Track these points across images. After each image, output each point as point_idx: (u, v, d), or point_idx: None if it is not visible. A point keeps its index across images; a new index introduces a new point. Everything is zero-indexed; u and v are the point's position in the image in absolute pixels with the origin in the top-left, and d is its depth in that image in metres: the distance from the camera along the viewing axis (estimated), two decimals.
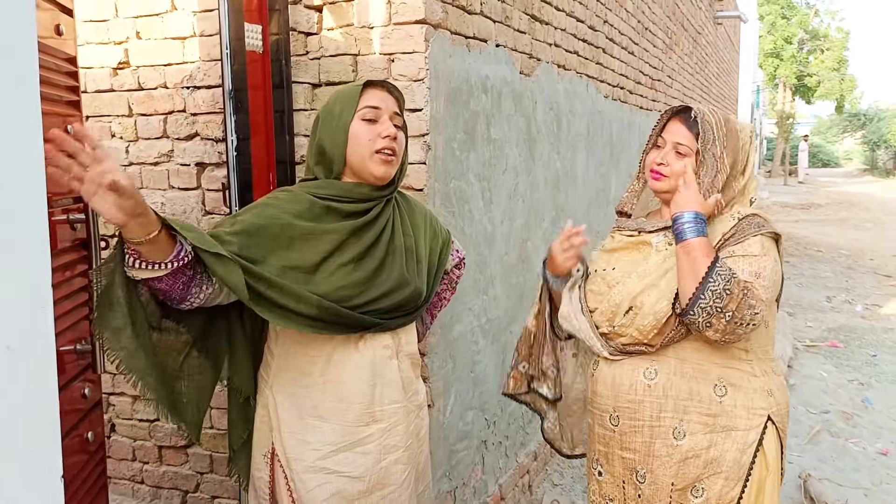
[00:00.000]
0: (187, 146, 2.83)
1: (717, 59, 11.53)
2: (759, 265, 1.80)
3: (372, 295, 1.73)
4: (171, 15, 2.78)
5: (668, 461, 1.87)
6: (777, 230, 1.89)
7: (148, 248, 1.45)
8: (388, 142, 1.76)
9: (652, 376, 1.89)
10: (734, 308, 1.72)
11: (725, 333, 1.75)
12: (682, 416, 1.86)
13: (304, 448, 1.76)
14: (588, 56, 4.28)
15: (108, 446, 3.12)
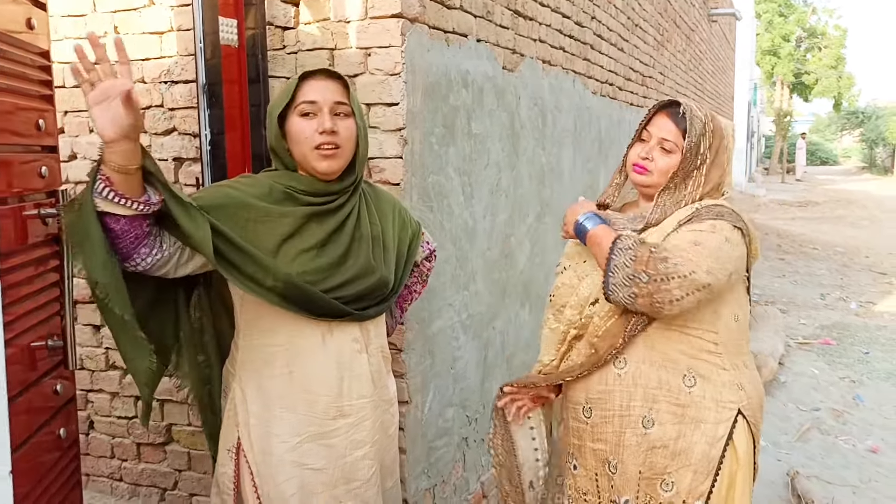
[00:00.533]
0: (165, 141, 2.81)
1: (711, 56, 11.50)
2: (701, 237, 1.77)
3: (337, 281, 1.71)
4: (149, 10, 2.76)
5: (637, 450, 1.86)
6: (741, 222, 1.85)
7: (121, 179, 1.43)
8: (325, 137, 1.72)
9: (622, 365, 1.88)
10: (644, 268, 1.70)
11: (656, 300, 1.71)
12: (651, 405, 1.85)
13: (271, 440, 1.75)
14: (575, 52, 4.26)
15: (87, 443, 3.11)
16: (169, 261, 1.61)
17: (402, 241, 1.94)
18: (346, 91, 1.80)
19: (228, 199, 1.68)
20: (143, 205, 1.48)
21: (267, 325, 1.76)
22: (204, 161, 2.37)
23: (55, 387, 1.95)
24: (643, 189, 1.96)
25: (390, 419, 1.92)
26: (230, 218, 1.65)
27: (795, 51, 32.66)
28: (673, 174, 1.88)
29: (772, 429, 4.89)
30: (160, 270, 1.62)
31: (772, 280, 10.00)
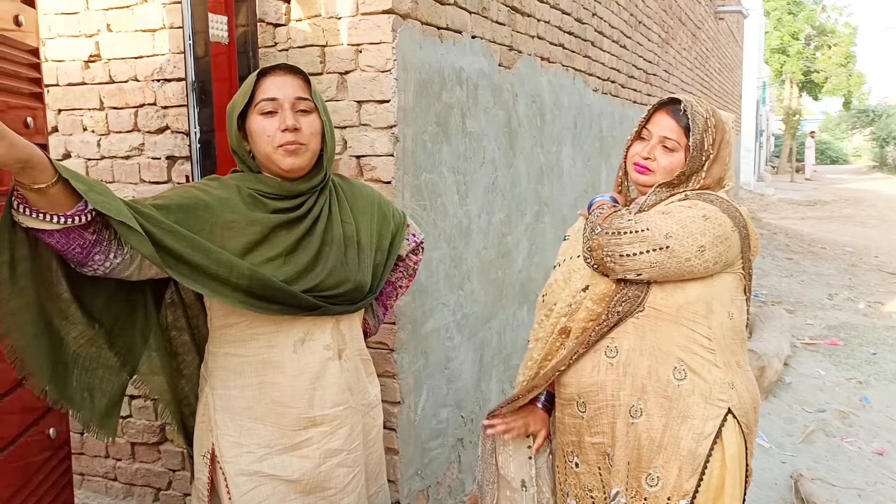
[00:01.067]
0: (158, 139, 2.79)
1: (718, 54, 11.44)
2: (672, 207, 1.78)
3: (305, 286, 1.66)
4: (142, 7, 2.74)
5: (626, 440, 1.84)
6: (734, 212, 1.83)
7: (35, 197, 1.36)
8: (287, 135, 1.67)
9: (613, 354, 1.85)
10: (601, 221, 1.77)
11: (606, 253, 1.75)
12: (639, 395, 1.82)
13: (238, 450, 1.71)
14: (575, 49, 4.22)
15: (82, 443, 3.10)
16: (131, 263, 1.55)
17: (383, 236, 1.88)
18: (308, 86, 1.74)
19: (194, 201, 1.62)
20: (70, 217, 1.40)
21: (236, 336, 1.71)
22: (194, 159, 2.35)
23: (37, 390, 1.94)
24: (645, 189, 1.93)
25: (371, 423, 1.88)
26: (195, 220, 1.59)
27: (805, 49, 32.48)
28: (679, 173, 1.85)
29: (776, 430, 4.85)
30: (123, 273, 1.56)
31: (779, 280, 9.93)
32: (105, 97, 2.86)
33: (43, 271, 1.49)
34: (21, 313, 1.46)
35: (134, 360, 1.71)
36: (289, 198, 1.72)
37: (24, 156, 1.29)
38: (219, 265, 1.55)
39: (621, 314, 1.83)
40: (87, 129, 2.91)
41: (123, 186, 2.85)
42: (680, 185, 1.87)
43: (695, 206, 1.77)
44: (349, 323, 1.80)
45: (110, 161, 2.88)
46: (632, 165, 1.92)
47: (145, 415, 2.98)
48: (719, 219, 1.78)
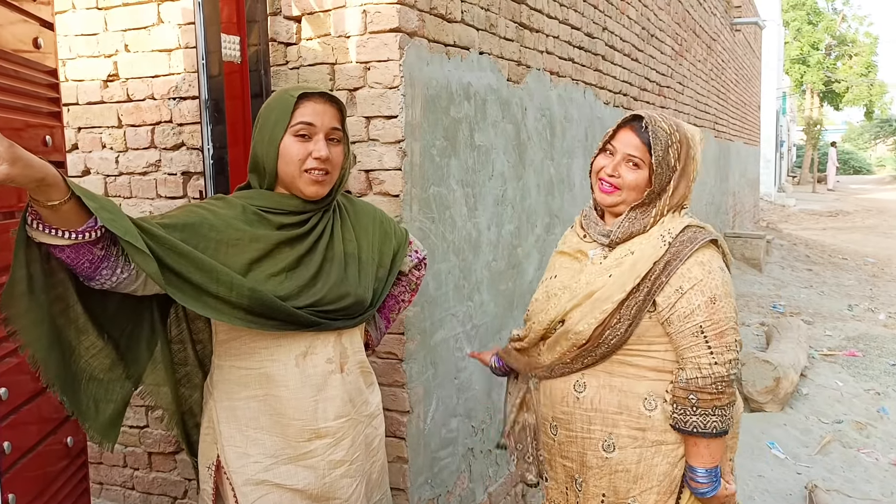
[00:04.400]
0: (174, 156, 2.87)
1: (735, 65, 11.42)
2: (710, 288, 1.76)
3: (306, 301, 1.71)
4: (158, 28, 2.83)
5: (600, 472, 1.87)
6: (713, 235, 1.85)
7: (49, 214, 1.42)
8: (318, 163, 1.73)
9: (581, 389, 1.89)
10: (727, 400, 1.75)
11: (733, 377, 1.76)
12: (611, 430, 1.85)
13: (245, 461, 1.75)
14: (585, 63, 4.27)
15: (101, 452, 3.16)
16: (137, 279, 1.61)
17: (384, 253, 1.93)
18: (342, 117, 1.81)
19: (200, 220, 1.67)
20: (81, 234, 1.46)
21: (240, 349, 1.76)
22: (207, 175, 2.42)
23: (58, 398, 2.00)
24: (611, 209, 1.93)
25: (373, 432, 1.92)
26: (202, 238, 1.64)
27: (825, 59, 32.28)
28: (649, 191, 1.85)
29: (792, 441, 4.83)
30: (129, 288, 1.61)
31: (798, 291, 9.86)
32: (123, 115, 2.95)
33: (56, 285, 1.55)
34: (38, 325, 1.53)
35: (139, 372, 1.77)
36: (293, 213, 1.77)
37: (39, 175, 1.35)
38: (220, 284, 1.60)
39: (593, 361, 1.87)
40: (105, 146, 2.99)
41: (141, 202, 2.93)
42: (650, 204, 1.86)
43: (707, 270, 1.78)
44: (350, 336, 1.85)
45: (128, 177, 2.96)
46: (597, 181, 1.94)
47: (161, 425, 3.04)
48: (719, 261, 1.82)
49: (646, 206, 1.87)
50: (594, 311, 1.82)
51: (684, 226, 1.84)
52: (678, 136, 1.86)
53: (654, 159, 1.83)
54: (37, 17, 2.00)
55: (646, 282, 1.80)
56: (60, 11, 2.91)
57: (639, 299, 1.80)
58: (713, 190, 10.03)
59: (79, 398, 1.66)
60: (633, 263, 1.81)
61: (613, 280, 1.82)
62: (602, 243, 1.91)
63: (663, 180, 1.85)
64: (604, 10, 4.54)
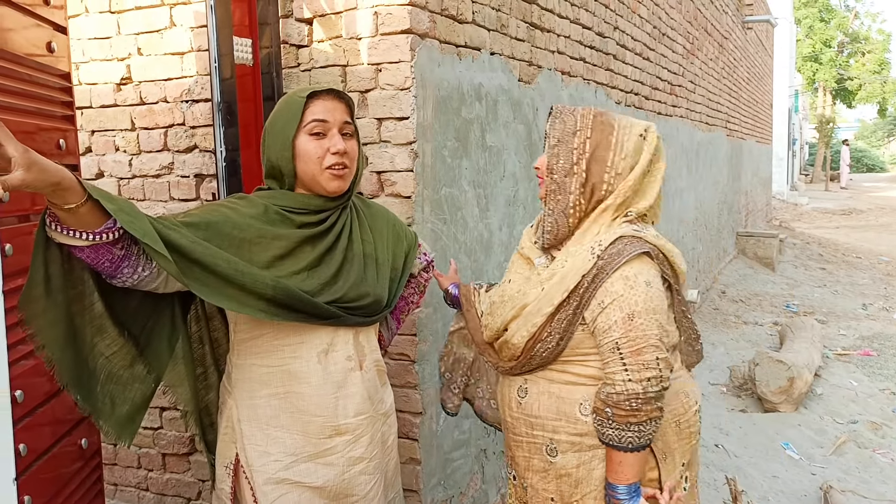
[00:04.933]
0: (186, 158, 2.88)
1: (747, 63, 11.37)
2: (629, 304, 1.71)
3: (327, 299, 1.73)
4: (170, 31, 2.84)
5: (546, 476, 1.87)
6: (643, 249, 1.76)
7: (66, 216, 1.43)
8: (337, 158, 1.75)
9: (523, 395, 1.89)
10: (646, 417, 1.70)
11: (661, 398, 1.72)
12: (551, 435, 1.84)
13: (265, 459, 1.76)
14: (596, 62, 4.26)
15: (115, 454, 3.18)
16: (158, 276, 1.62)
17: (397, 255, 1.95)
18: (351, 112, 1.83)
19: (222, 218, 1.68)
20: (99, 234, 1.47)
21: (262, 347, 1.77)
22: (220, 177, 2.43)
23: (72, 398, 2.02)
24: (542, 199, 1.91)
25: (388, 431, 1.93)
26: (224, 236, 1.66)
27: (837, 56, 32.09)
28: (549, 172, 1.82)
29: (806, 442, 4.80)
30: (150, 285, 1.63)
31: (811, 290, 9.80)
32: (136, 118, 2.96)
33: (76, 284, 1.57)
34: (54, 326, 1.54)
35: (160, 369, 1.78)
36: (314, 212, 1.79)
37: (55, 179, 1.36)
38: (243, 275, 1.61)
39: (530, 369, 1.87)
40: (119, 149, 3.01)
41: (154, 204, 2.95)
42: (561, 192, 1.81)
43: (629, 285, 1.71)
44: (367, 335, 1.87)
45: (141, 180, 2.98)
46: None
47: (175, 426, 3.06)
48: (646, 276, 1.73)
49: (556, 194, 1.82)
50: (526, 325, 1.81)
51: (616, 236, 1.77)
52: (591, 121, 1.82)
53: (549, 142, 1.83)
54: (50, 21, 2.01)
55: (574, 296, 1.76)
56: (73, 15, 2.93)
57: (568, 313, 1.77)
58: (725, 189, 9.98)
59: (94, 396, 1.66)
60: (562, 277, 1.78)
61: (545, 293, 1.80)
62: (540, 255, 1.91)
63: (564, 163, 1.80)
64: (615, 10, 4.53)
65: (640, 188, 1.83)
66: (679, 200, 6.98)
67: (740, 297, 9.02)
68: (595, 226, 1.81)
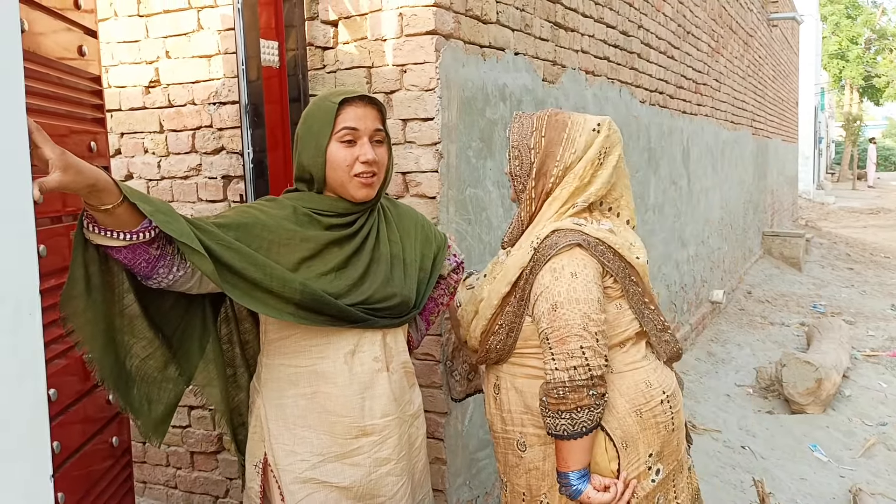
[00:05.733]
0: (214, 160, 2.91)
1: (772, 61, 11.26)
2: (553, 295, 1.75)
3: (354, 300, 1.74)
4: (198, 34, 2.87)
5: (518, 471, 1.90)
6: (578, 237, 1.78)
7: (103, 217, 1.45)
8: (366, 167, 1.76)
9: (496, 392, 1.94)
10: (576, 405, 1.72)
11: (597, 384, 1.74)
12: (521, 429, 1.88)
13: (292, 458, 1.78)
14: (621, 61, 4.24)
15: (144, 452, 3.22)
16: (192, 277, 1.65)
17: (426, 256, 1.95)
18: (383, 117, 1.84)
19: (252, 220, 1.71)
20: (136, 234, 1.50)
21: (290, 347, 1.79)
22: (247, 178, 2.45)
23: (108, 396, 2.04)
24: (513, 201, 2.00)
25: (416, 432, 1.94)
26: (254, 238, 1.68)
27: (864, 53, 31.64)
28: (514, 177, 1.92)
29: (834, 444, 4.74)
30: (185, 286, 1.65)
31: (839, 290, 9.68)
32: (164, 120, 3.00)
33: (113, 285, 1.60)
34: (94, 324, 1.57)
35: (191, 370, 1.81)
36: (342, 215, 1.81)
37: (91, 180, 1.39)
38: (272, 279, 1.63)
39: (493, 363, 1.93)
40: (147, 151, 3.05)
41: (182, 205, 2.98)
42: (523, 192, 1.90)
43: (555, 276, 1.76)
44: (395, 336, 1.88)
45: (169, 181, 3.02)
46: None
47: (203, 425, 3.09)
48: (573, 267, 1.76)
49: (521, 192, 1.92)
50: (481, 319, 1.90)
51: (552, 230, 1.82)
52: (546, 121, 1.90)
53: (508, 146, 1.92)
54: (81, 25, 2.04)
55: (516, 288, 1.84)
56: (103, 19, 2.97)
57: (513, 305, 1.84)
58: (751, 188, 9.89)
59: (131, 396, 1.70)
60: (505, 271, 1.86)
61: (493, 287, 1.88)
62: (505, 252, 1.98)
63: (525, 164, 1.89)
64: (639, 8, 4.51)
65: (590, 179, 1.86)
66: (704, 200, 6.93)
67: (766, 297, 8.93)
68: (542, 220, 1.88)
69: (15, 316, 1.25)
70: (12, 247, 1.23)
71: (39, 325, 1.62)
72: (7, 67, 1.24)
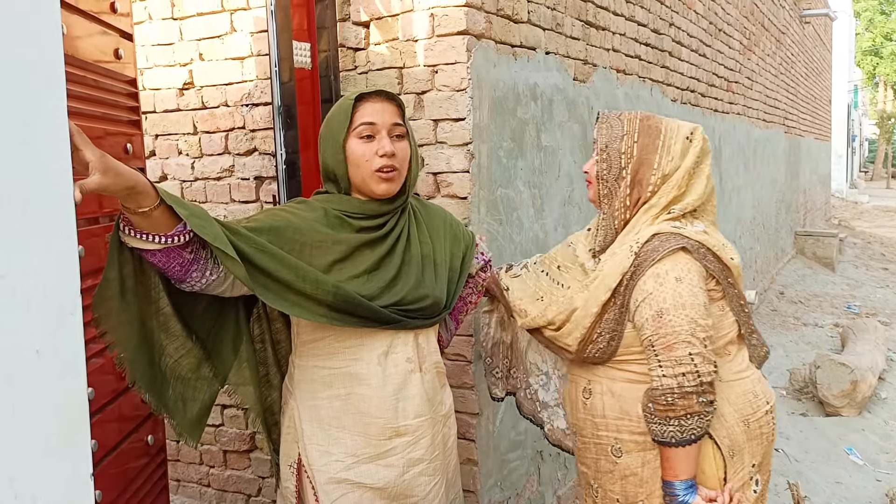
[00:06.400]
0: (247, 161, 2.94)
1: (804, 59, 11.10)
2: (658, 301, 1.72)
3: (387, 302, 1.74)
4: (231, 36, 2.90)
5: (612, 477, 1.88)
6: (678, 244, 1.76)
7: (139, 220, 1.47)
8: (385, 160, 1.75)
9: (587, 396, 1.91)
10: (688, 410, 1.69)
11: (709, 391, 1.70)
12: (616, 435, 1.85)
13: (327, 459, 1.78)
14: (652, 60, 4.21)
15: (178, 450, 3.26)
16: (224, 281, 1.66)
17: (455, 255, 1.94)
18: (401, 112, 1.82)
19: (284, 223, 1.71)
20: (171, 238, 1.51)
21: (324, 349, 1.80)
22: (280, 179, 2.47)
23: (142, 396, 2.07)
24: (593, 203, 1.96)
25: (448, 432, 1.93)
26: (286, 241, 1.68)
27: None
28: (600, 180, 1.88)
29: (871, 447, 4.66)
30: (217, 290, 1.66)
31: (873, 290, 9.52)
32: (198, 122, 3.03)
33: (148, 288, 1.61)
34: (127, 326, 1.59)
35: (225, 371, 1.82)
36: (372, 217, 1.80)
37: (129, 183, 1.40)
38: (305, 281, 1.63)
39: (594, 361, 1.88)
40: (181, 152, 3.08)
41: (215, 206, 3.01)
42: (612, 195, 1.86)
43: (659, 282, 1.73)
44: (427, 336, 1.87)
45: (203, 182, 3.05)
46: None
47: (236, 423, 3.12)
48: (678, 272, 1.74)
49: (609, 198, 1.88)
50: (578, 328, 1.85)
51: (652, 233, 1.79)
52: (637, 125, 1.86)
53: (596, 147, 1.88)
54: (117, 28, 2.06)
55: (617, 295, 1.80)
56: (138, 22, 3.01)
57: (614, 312, 1.81)
58: (783, 187, 9.76)
59: (165, 397, 1.71)
60: (603, 278, 1.82)
61: (589, 295, 1.84)
62: (591, 258, 1.94)
63: (613, 168, 1.86)
64: (670, 6, 4.47)
65: (686, 188, 1.85)
66: (736, 199, 6.85)
67: (799, 297, 8.80)
68: (637, 226, 1.85)
69: (58, 316, 1.27)
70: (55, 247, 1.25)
71: (80, 325, 1.64)
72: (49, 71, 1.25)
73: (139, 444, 2.07)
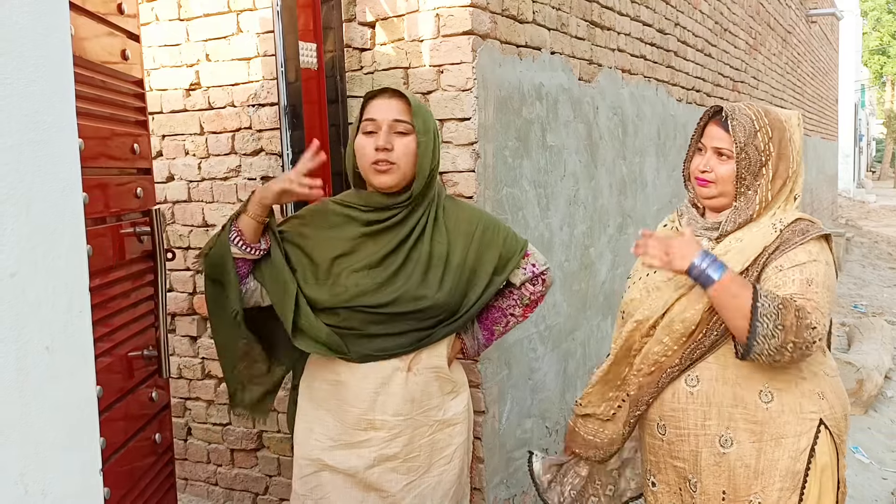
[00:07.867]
0: (253, 161, 2.95)
1: (811, 58, 11.07)
2: (810, 272, 1.73)
3: (381, 300, 1.80)
4: (237, 37, 2.91)
5: (717, 470, 1.82)
6: (824, 230, 1.83)
7: (253, 229, 1.82)
8: (379, 154, 1.80)
9: (694, 383, 1.84)
10: (793, 338, 1.65)
11: (794, 361, 1.70)
12: (727, 424, 1.80)
13: (308, 436, 1.90)
14: (657, 59, 4.21)
15: (185, 449, 3.28)
16: (255, 291, 1.91)
17: (485, 261, 1.90)
18: (409, 108, 1.83)
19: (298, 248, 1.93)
20: (257, 251, 1.85)
21: None
22: None
23: (151, 394, 2.08)
24: (708, 202, 1.92)
25: (447, 440, 1.92)
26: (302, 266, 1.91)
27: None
28: (739, 178, 1.84)
29: (877, 446, 4.66)
30: (252, 300, 1.92)
31: (880, 290, 9.49)
32: (205, 122, 3.04)
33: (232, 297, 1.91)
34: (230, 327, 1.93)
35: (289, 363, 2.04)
36: (378, 210, 1.86)
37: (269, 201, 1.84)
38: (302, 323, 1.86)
39: (708, 347, 1.82)
40: (188, 152, 3.10)
41: (222, 206, 3.03)
42: (751, 190, 1.85)
43: (815, 257, 1.76)
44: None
45: (210, 182, 3.06)
46: (695, 180, 1.93)
47: (244, 422, 3.13)
48: (826, 256, 1.80)
49: (746, 193, 1.86)
50: (702, 297, 1.78)
51: (796, 217, 1.83)
52: (766, 120, 1.84)
53: (736, 147, 1.83)
54: (124, 29, 2.08)
55: (755, 266, 1.78)
56: (145, 23, 3.02)
57: None
58: None
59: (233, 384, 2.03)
60: (742, 249, 1.81)
61: None
62: (709, 237, 1.89)
63: (753, 165, 1.83)
64: (676, 6, 4.47)
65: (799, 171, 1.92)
66: None
67: None
68: (772, 209, 1.87)
69: (68, 314, 1.28)
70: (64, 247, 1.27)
71: (89, 323, 1.66)
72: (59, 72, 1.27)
73: (147, 443, 2.08)
